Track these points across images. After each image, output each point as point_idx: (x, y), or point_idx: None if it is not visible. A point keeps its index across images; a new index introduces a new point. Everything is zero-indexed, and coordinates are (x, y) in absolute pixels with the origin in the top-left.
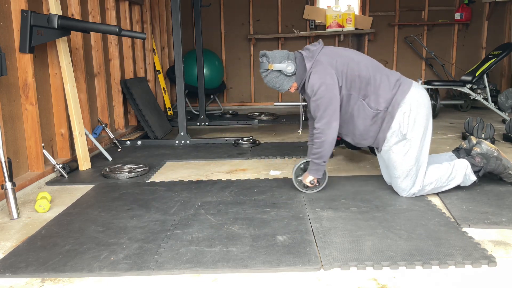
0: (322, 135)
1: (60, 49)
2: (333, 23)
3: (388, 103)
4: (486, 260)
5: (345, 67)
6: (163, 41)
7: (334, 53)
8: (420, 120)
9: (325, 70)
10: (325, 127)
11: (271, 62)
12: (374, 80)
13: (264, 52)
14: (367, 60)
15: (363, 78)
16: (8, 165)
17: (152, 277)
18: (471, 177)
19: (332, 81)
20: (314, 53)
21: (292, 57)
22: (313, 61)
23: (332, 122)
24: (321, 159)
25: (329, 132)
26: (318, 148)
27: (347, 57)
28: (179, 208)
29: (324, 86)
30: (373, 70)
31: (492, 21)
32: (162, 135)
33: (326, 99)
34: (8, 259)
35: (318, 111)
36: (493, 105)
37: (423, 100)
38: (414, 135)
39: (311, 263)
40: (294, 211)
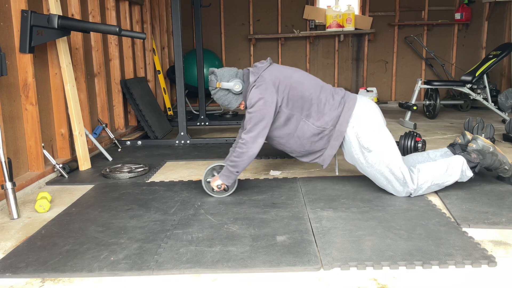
0: (245, 147)
1: (60, 49)
2: (333, 23)
3: (335, 121)
4: (486, 260)
5: (288, 88)
6: (163, 41)
7: (279, 72)
8: (374, 129)
9: (266, 86)
10: (251, 140)
11: (219, 81)
12: (318, 100)
13: (213, 70)
14: (311, 81)
15: (306, 99)
16: (8, 165)
17: (152, 277)
18: (468, 173)
19: (270, 99)
20: (260, 70)
21: (241, 75)
22: (257, 77)
23: (258, 138)
24: (235, 168)
25: (253, 146)
26: (237, 157)
27: (291, 78)
28: (179, 208)
29: (262, 102)
30: (317, 90)
31: (492, 21)
32: (162, 135)
33: (260, 115)
34: (8, 259)
35: (250, 124)
36: (493, 105)
37: (371, 110)
38: (374, 145)
39: (311, 263)
40: (294, 211)
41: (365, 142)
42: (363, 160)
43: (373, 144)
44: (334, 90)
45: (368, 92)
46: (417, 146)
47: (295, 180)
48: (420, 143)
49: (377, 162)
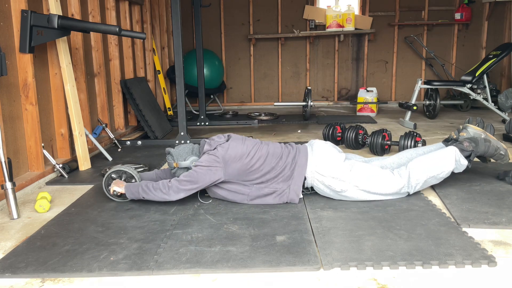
0: (165, 190)
1: (60, 49)
2: (333, 23)
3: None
4: (486, 260)
5: (237, 165)
6: (163, 41)
7: (233, 150)
8: (335, 171)
9: (216, 160)
10: (176, 190)
11: (176, 161)
12: (271, 169)
13: (169, 151)
14: (262, 152)
15: (255, 171)
16: (8, 165)
17: (151, 277)
18: (462, 161)
19: (214, 171)
20: (215, 144)
21: (196, 150)
22: (213, 148)
23: (182, 193)
24: (145, 194)
25: (172, 195)
26: (154, 190)
27: (243, 156)
28: (178, 208)
29: (206, 169)
30: (269, 160)
31: (492, 21)
32: (162, 135)
33: (197, 177)
34: (8, 259)
35: (185, 177)
36: (493, 105)
37: (323, 153)
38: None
39: (311, 263)
40: (293, 211)
41: (336, 187)
42: (345, 197)
43: (343, 185)
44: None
45: (368, 92)
46: (417, 146)
47: None
48: (420, 143)
49: (358, 195)
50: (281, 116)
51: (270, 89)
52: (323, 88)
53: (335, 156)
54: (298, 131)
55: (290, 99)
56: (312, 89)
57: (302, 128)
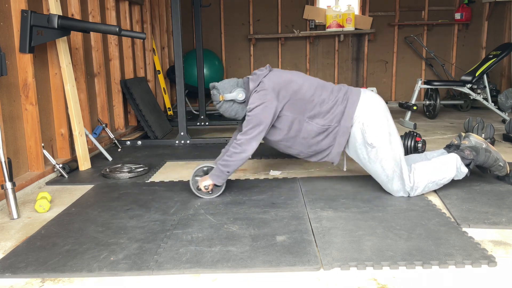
0: (239, 148)
1: (60, 49)
2: (333, 23)
3: (339, 118)
4: (486, 260)
5: (289, 93)
6: (163, 41)
7: (279, 78)
8: (380, 124)
9: (265, 93)
10: (246, 142)
11: (221, 93)
12: (321, 100)
13: (214, 85)
14: (312, 82)
15: (308, 101)
16: (8, 165)
17: (152, 277)
18: (463, 169)
19: (270, 104)
20: (259, 77)
21: (241, 84)
22: (258, 83)
23: (253, 141)
24: (227, 168)
25: (247, 148)
26: (230, 157)
27: (291, 82)
28: (178, 208)
29: (261, 107)
30: (319, 90)
31: (492, 21)
32: (162, 135)
33: (258, 119)
34: (8, 259)
35: (247, 126)
36: (493, 105)
37: (376, 105)
38: (380, 141)
39: (311, 263)
40: (293, 211)
41: (369, 138)
42: (366, 155)
43: (377, 141)
44: (336, 88)
45: None
46: (417, 146)
47: (295, 180)
48: (420, 143)
49: (379, 159)
50: None
51: None
52: None
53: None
54: None
55: None
56: None
57: None
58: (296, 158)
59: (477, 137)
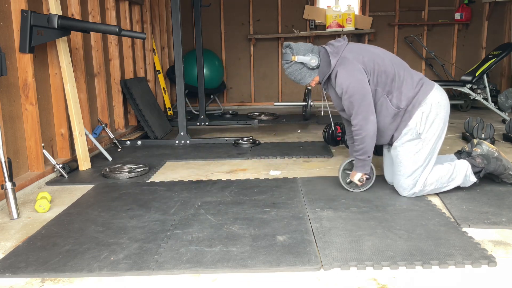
0: (361, 131)
1: (60, 49)
2: (333, 23)
3: (409, 102)
4: (486, 260)
5: (372, 62)
6: (163, 41)
7: (359, 48)
8: (437, 122)
9: (353, 66)
10: (363, 122)
11: (295, 54)
12: (398, 77)
13: (289, 44)
14: (391, 56)
15: (389, 74)
16: (8, 165)
17: (152, 277)
18: (471, 178)
19: (361, 76)
20: (339, 49)
21: (316, 50)
22: (338, 57)
23: (369, 116)
24: (365, 154)
25: (368, 126)
26: (360, 143)
27: (373, 53)
28: (179, 208)
29: (355, 83)
30: (398, 67)
31: (492, 21)
32: (162, 135)
33: (359, 95)
34: (8, 259)
35: (353, 108)
36: (493, 105)
37: (444, 103)
38: (428, 136)
39: (311, 263)
40: (294, 211)
41: (420, 128)
42: (405, 140)
43: (426, 134)
44: (413, 71)
45: None
46: None
47: (295, 180)
48: None
49: (415, 152)
50: (281, 116)
51: (270, 89)
52: None
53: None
54: (298, 131)
55: (290, 99)
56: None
57: (302, 128)
58: (295, 158)
59: (490, 145)
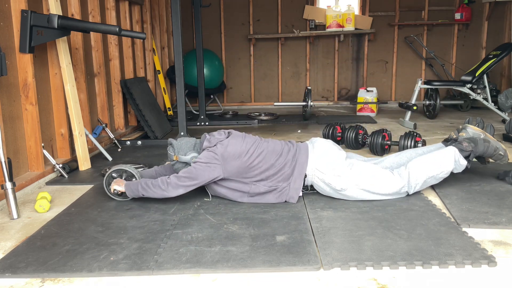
0: (164, 187)
1: (60, 49)
2: (333, 23)
3: (287, 178)
4: (486, 260)
5: (237, 162)
6: (163, 41)
7: (233, 147)
8: (336, 168)
9: (215, 157)
10: (174, 186)
11: (176, 154)
12: (270, 166)
13: (171, 142)
14: (261, 149)
15: (255, 168)
16: (8, 165)
17: (152, 277)
18: (461, 162)
19: (214, 169)
20: (215, 141)
21: (198, 147)
22: (213, 145)
23: (180, 189)
24: (144, 192)
25: (171, 191)
26: (153, 187)
27: (245, 154)
28: (178, 208)
29: (205, 166)
30: (268, 157)
31: (492, 21)
32: (162, 135)
33: (196, 173)
34: (8, 259)
35: (184, 174)
36: (493, 105)
37: (324, 151)
38: (347, 183)
39: (311, 263)
40: (293, 211)
41: (336, 185)
42: (346, 198)
43: (344, 183)
44: (284, 149)
45: (368, 92)
46: (417, 146)
47: None
48: (420, 143)
49: (359, 194)
50: (281, 116)
51: (270, 89)
52: (323, 88)
53: (336, 154)
54: (298, 131)
55: (290, 99)
56: (312, 89)
57: (302, 128)
58: None
59: (474, 128)
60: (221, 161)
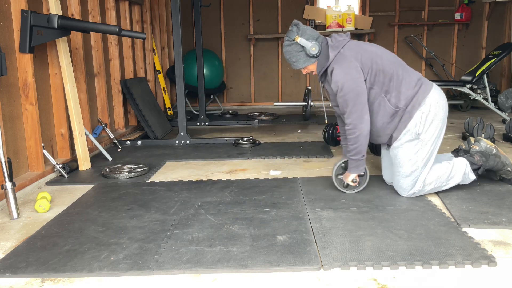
0: (355, 130)
1: (60, 49)
2: (333, 23)
3: (408, 101)
4: (486, 260)
5: (369, 61)
6: (163, 41)
7: (359, 47)
8: (436, 122)
9: (349, 63)
10: (357, 121)
11: (299, 35)
12: (397, 76)
13: (297, 22)
14: (390, 56)
15: (387, 73)
16: (8, 165)
17: (152, 277)
18: (471, 176)
19: (357, 74)
20: (339, 44)
21: (321, 40)
22: (337, 53)
23: (364, 115)
24: (359, 154)
25: (362, 126)
26: (354, 143)
27: (372, 52)
28: (179, 208)
29: (350, 81)
30: (396, 66)
31: (492, 21)
32: (162, 135)
33: (354, 94)
34: (8, 259)
35: (347, 107)
36: (493, 105)
37: (443, 103)
38: (427, 137)
39: (311, 263)
40: (294, 211)
41: (419, 128)
42: (404, 141)
43: (425, 134)
44: (412, 70)
45: None
46: None
47: (295, 180)
48: None
49: (414, 152)
50: (281, 116)
51: (270, 89)
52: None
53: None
54: (298, 131)
55: (290, 99)
56: (312, 89)
57: (302, 128)
58: (295, 158)
59: (488, 142)
60: (354, 61)
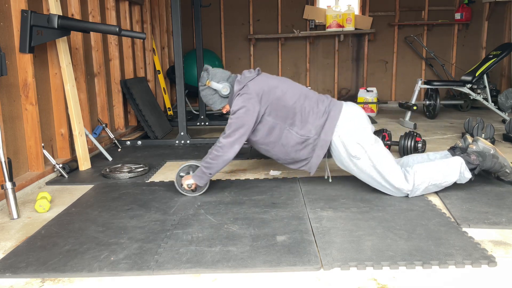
0: (221, 150)
1: (60, 49)
2: (333, 23)
3: (319, 130)
4: (486, 260)
5: (271, 98)
6: (163, 41)
7: (264, 83)
8: (360, 137)
9: (249, 96)
10: (228, 145)
11: (209, 79)
12: (302, 109)
13: (207, 68)
14: (296, 90)
15: (290, 108)
16: (8, 165)
17: (152, 277)
18: (466, 175)
19: (252, 108)
20: (246, 79)
21: (232, 80)
22: (242, 86)
23: (235, 144)
24: (209, 170)
25: (229, 151)
26: (212, 160)
27: (276, 88)
28: (179, 208)
29: (243, 110)
30: (302, 99)
31: (492, 21)
32: (162, 135)
33: (240, 122)
34: (8, 259)
35: (229, 129)
36: (493, 105)
37: (356, 117)
38: (363, 152)
39: (311, 263)
40: (294, 211)
41: (352, 151)
42: (354, 167)
43: (360, 152)
44: (319, 98)
45: (368, 92)
46: (417, 146)
47: (295, 180)
48: (420, 143)
49: (367, 168)
50: None
51: None
52: (323, 88)
53: (366, 123)
54: None
55: None
56: (312, 89)
57: None
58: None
59: (486, 142)
60: (255, 97)
